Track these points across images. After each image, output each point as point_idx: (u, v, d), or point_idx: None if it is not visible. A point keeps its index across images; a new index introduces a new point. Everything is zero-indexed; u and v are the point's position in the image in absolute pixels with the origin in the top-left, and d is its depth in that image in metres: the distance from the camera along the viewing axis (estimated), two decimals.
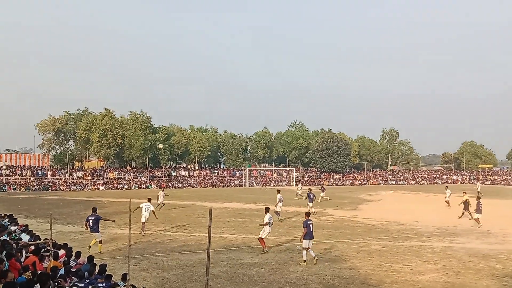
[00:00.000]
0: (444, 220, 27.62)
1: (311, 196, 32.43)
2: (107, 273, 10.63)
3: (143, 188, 71.38)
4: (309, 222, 16.08)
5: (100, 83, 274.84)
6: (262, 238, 17.75)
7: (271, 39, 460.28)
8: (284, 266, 14.90)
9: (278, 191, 30.98)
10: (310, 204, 31.63)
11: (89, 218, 18.22)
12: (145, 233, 22.24)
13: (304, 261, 15.42)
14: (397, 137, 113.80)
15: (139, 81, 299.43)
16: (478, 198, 27.29)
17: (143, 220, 22.54)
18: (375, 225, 25.80)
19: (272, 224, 18.08)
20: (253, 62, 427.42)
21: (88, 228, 18.15)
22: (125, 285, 9.64)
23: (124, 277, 10.02)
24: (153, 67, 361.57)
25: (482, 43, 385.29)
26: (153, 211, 23.27)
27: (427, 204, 33.96)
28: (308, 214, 17.17)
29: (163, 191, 36.40)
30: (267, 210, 18.54)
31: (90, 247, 17.45)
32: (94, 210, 18.72)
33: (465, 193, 31.20)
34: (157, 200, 33.47)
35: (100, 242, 17.92)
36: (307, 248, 15.56)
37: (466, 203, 29.31)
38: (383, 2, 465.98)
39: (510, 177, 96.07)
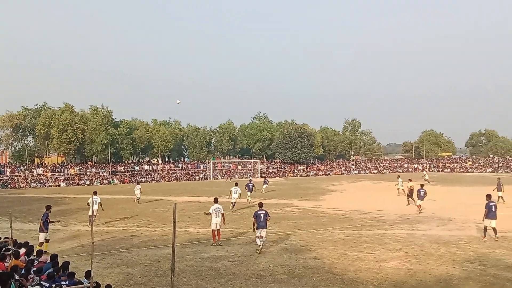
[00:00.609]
0: (405, 208, 28.19)
1: (250, 186, 35.08)
2: (70, 270, 10.46)
3: (106, 183, 70.30)
4: (259, 212, 16.41)
5: (59, 78, 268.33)
6: (213, 230, 17.74)
7: (227, 34, 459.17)
8: (250, 258, 14.94)
9: (236, 183, 31.37)
10: (249, 193, 34.34)
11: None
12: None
13: (261, 249, 15.97)
14: (359, 128, 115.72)
15: (99, 75, 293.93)
16: (422, 185, 28.24)
17: (90, 213, 22.49)
18: (339, 214, 26.12)
19: (218, 216, 17.79)
20: (215, 53, 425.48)
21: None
22: (89, 282, 9.49)
23: (88, 274, 9.84)
24: (112, 60, 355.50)
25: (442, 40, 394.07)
26: (100, 203, 24.00)
27: (389, 193, 34.65)
28: (261, 204, 17.33)
29: (139, 184, 37.58)
30: (215, 200, 18.62)
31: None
32: (48, 208, 17.97)
33: (410, 180, 33.26)
34: (135, 195, 35.54)
35: (47, 241, 17.21)
36: (260, 236, 16.06)
37: (411, 190, 30.99)
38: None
39: (468, 165, 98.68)
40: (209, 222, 23.54)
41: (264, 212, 16.51)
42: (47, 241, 17.07)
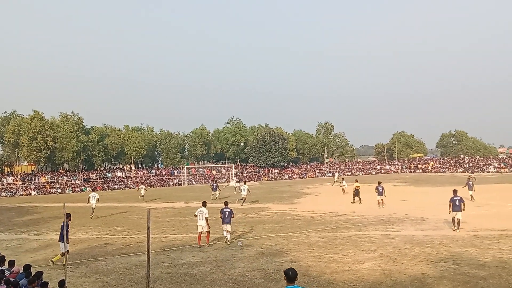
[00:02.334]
0: (379, 210, 28.45)
1: (215, 186, 43.39)
2: (43, 280, 10.25)
3: (78, 191, 69.21)
4: (224, 210, 18.81)
5: (27, 85, 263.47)
6: (199, 233, 18.32)
7: (199, 37, 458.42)
8: (226, 263, 14.87)
9: (244, 182, 38.90)
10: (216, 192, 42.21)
11: None
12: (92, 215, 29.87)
13: (227, 240, 18.61)
14: (332, 130, 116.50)
15: (69, 82, 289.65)
16: (379, 182, 31.22)
17: (93, 206, 30.69)
18: (314, 217, 26.22)
19: (201, 219, 18.22)
20: (186, 57, 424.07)
21: None
22: None
23: (62, 284, 9.67)
24: (82, 66, 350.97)
25: (410, 45, 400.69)
26: (98, 198, 31.43)
27: (362, 194, 34.85)
28: (226, 203, 19.63)
29: (143, 185, 48.77)
30: (203, 204, 19.02)
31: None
32: (67, 216, 16.91)
33: (357, 180, 36.15)
34: (139, 194, 45.07)
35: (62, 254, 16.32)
36: (227, 231, 18.64)
37: (356, 190, 33.56)
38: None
39: (439, 165, 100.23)
40: (184, 228, 23.63)
41: (229, 210, 18.88)
42: (62, 254, 15.50)
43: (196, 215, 18.72)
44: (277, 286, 11.90)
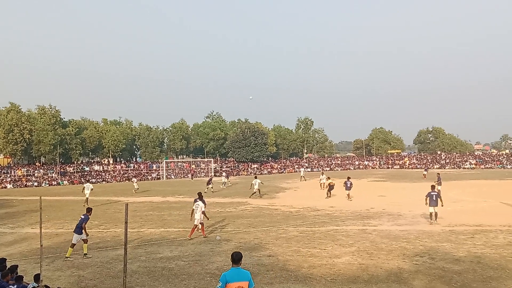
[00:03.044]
0: (357, 205, 28.66)
1: (209, 180, 45.73)
2: (18, 274, 10.10)
3: (54, 184, 68.39)
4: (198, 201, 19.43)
5: (4, 77, 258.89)
6: (194, 225, 18.63)
7: (181, 31, 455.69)
8: (204, 257, 14.82)
9: (255, 176, 39.97)
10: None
11: None
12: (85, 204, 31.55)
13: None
14: (312, 126, 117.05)
15: (47, 74, 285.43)
16: (348, 177, 33.81)
17: (87, 196, 33.96)
18: (293, 212, 26.31)
19: (197, 212, 18.59)
20: (165, 50, 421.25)
21: None
22: (38, 286, 9.19)
23: (37, 278, 9.54)
24: (60, 58, 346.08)
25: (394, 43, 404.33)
26: (91, 189, 35.27)
27: (341, 189, 35.14)
28: (199, 194, 20.23)
29: (135, 178, 56.02)
30: (199, 197, 19.51)
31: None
32: (89, 210, 17.13)
33: (329, 178, 39.69)
34: (134, 187, 47.44)
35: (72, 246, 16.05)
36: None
37: (330, 186, 35.87)
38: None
39: (416, 161, 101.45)
40: (162, 222, 23.52)
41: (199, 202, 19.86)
42: (72, 245, 15.72)
43: (193, 209, 18.95)
44: (255, 280, 11.87)
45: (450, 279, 11.45)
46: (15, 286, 9.36)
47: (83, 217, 16.13)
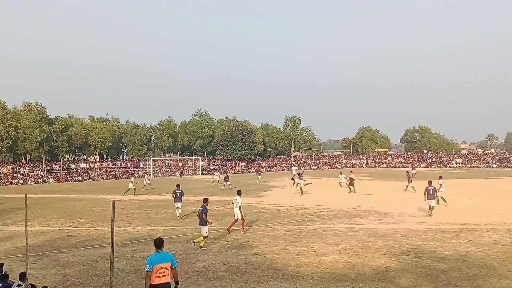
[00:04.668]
0: (344, 203, 28.76)
1: (225, 177, 47.23)
2: (3, 272, 10.00)
3: (40, 182, 67.86)
4: (177, 191, 24.47)
5: None
6: (235, 219, 19.37)
7: (171, 26, 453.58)
8: (191, 256, 14.78)
9: (299, 173, 39.15)
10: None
11: None
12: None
13: (180, 216, 23.98)
14: (299, 124, 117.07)
15: (33, 69, 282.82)
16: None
17: (130, 186, 39.99)
18: (280, 210, 26.35)
19: (236, 206, 19.43)
20: (153, 48, 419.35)
21: None
22: (23, 284, 9.11)
23: (22, 276, 9.45)
24: (46, 53, 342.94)
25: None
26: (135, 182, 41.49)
27: (328, 188, 35.28)
28: (178, 186, 25.17)
29: (146, 174, 61.54)
30: (238, 193, 20.28)
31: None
32: (205, 200, 17.30)
33: (351, 172, 39.42)
34: (144, 182, 49.12)
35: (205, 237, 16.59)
36: (177, 207, 24.07)
37: (351, 180, 36.58)
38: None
39: (403, 160, 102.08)
40: (149, 220, 23.44)
41: (180, 191, 24.55)
42: (204, 236, 16.07)
43: (232, 203, 20.05)
44: (242, 279, 11.91)
45: (436, 277, 11.54)
46: (0, 284, 9.28)
47: (201, 208, 16.49)
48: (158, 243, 8.62)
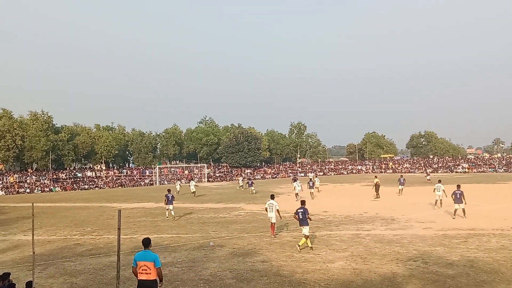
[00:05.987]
0: (350, 209, 28.67)
1: (250, 182, 49.23)
2: (10, 282, 10.02)
3: (47, 191, 68.02)
4: (168, 195, 27.10)
5: None
6: (271, 224, 19.58)
7: (173, 36, 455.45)
8: (198, 263, 14.78)
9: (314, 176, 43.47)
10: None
11: None
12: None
13: (173, 217, 26.79)
14: (305, 131, 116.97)
15: (39, 79, 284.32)
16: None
17: (193, 190, 44.72)
18: (286, 217, 26.21)
19: (271, 211, 19.41)
20: (158, 56, 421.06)
21: None
22: None
23: (29, 285, 9.48)
24: (52, 63, 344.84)
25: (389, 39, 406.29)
26: (196, 185, 45.78)
27: (334, 194, 35.15)
28: (169, 190, 28.50)
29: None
30: (271, 197, 20.45)
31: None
32: (303, 202, 17.98)
33: (376, 177, 39.88)
34: (190, 190, 46.64)
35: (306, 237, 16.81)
36: (168, 209, 26.86)
37: (377, 186, 37.13)
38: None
39: (409, 165, 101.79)
40: (155, 228, 23.45)
41: (171, 195, 27.22)
42: (306, 237, 16.49)
43: (266, 208, 19.75)
44: (249, 286, 11.89)
45: (444, 283, 11.48)
46: None
47: (302, 209, 16.92)
48: (145, 243, 9.56)
